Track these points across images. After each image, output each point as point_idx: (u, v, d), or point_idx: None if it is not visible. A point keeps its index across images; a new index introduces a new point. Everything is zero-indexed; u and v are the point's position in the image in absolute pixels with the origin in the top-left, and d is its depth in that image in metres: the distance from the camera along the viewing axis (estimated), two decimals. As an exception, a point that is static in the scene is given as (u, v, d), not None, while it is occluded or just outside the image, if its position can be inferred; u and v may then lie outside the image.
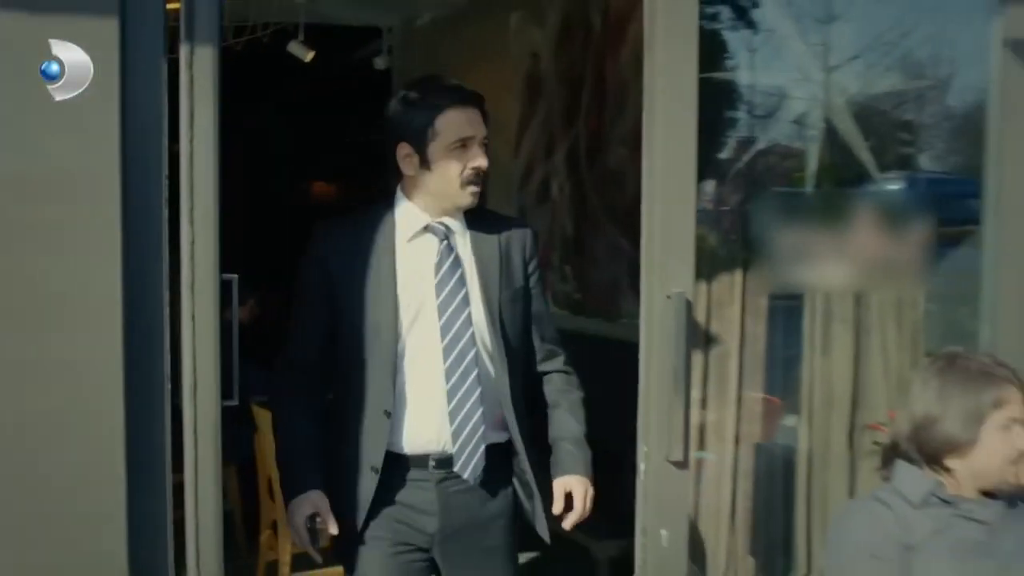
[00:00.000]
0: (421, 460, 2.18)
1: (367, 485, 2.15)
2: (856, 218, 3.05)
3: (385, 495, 2.18)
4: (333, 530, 2.13)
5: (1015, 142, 2.59)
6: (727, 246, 3.14)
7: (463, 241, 2.24)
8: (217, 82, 2.11)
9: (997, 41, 2.61)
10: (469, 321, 2.16)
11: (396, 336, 2.16)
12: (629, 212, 2.40)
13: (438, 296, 2.16)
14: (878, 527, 1.94)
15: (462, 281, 2.18)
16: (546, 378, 2.34)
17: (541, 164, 4.43)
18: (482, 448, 2.17)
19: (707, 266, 2.93)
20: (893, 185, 3.12)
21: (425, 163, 2.15)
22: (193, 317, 2.09)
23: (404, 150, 2.16)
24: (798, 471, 3.00)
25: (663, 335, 2.25)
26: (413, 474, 2.19)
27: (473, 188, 2.17)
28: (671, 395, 2.25)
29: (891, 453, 2.03)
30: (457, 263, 2.20)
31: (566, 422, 2.30)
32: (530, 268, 2.32)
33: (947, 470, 1.95)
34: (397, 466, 2.18)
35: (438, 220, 2.22)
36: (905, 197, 3.11)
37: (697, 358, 2.74)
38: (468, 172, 2.15)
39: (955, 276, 2.93)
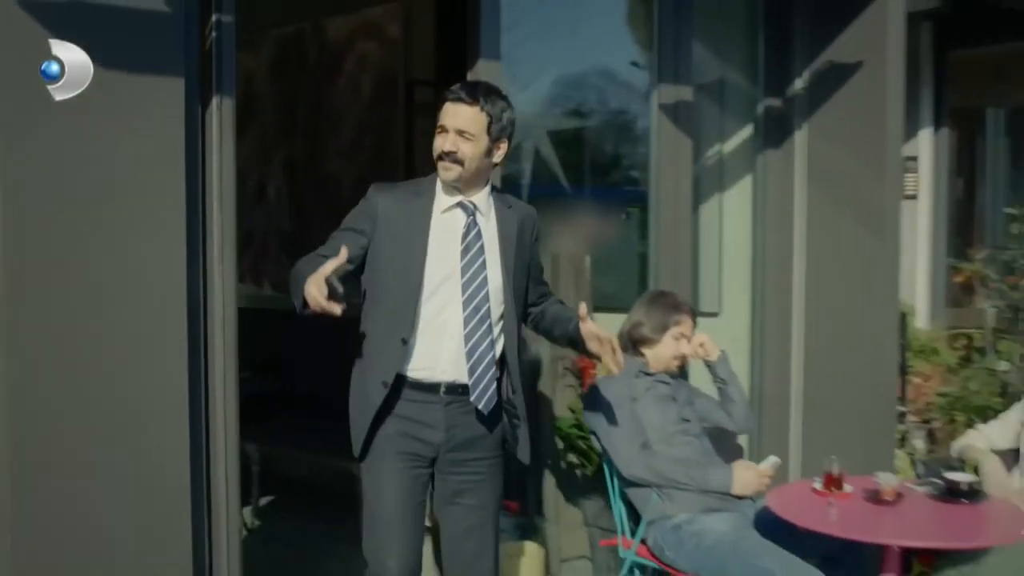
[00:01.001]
0: (433, 386, 2.69)
1: (377, 395, 2.65)
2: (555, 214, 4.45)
3: (397, 412, 2.67)
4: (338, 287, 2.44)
5: (666, 167, 4.17)
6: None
7: (487, 217, 2.79)
8: (233, 123, 2.86)
9: (655, 102, 4.16)
10: (485, 281, 2.71)
11: (420, 282, 2.66)
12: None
13: (462, 259, 2.70)
14: (615, 388, 3.41)
15: (482, 249, 2.73)
16: (545, 303, 3.00)
17: (257, 169, 5.22)
18: (495, 383, 2.70)
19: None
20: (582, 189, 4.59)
21: None
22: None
23: None
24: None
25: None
26: (423, 396, 2.68)
27: (443, 165, 2.68)
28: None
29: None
30: (479, 235, 2.74)
31: (562, 307, 3.02)
32: (534, 239, 2.92)
33: (643, 355, 3.44)
34: (409, 387, 2.68)
35: (469, 199, 2.76)
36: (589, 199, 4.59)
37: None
38: (437, 152, 2.69)
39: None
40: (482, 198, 2.80)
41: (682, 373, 3.74)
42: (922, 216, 6.01)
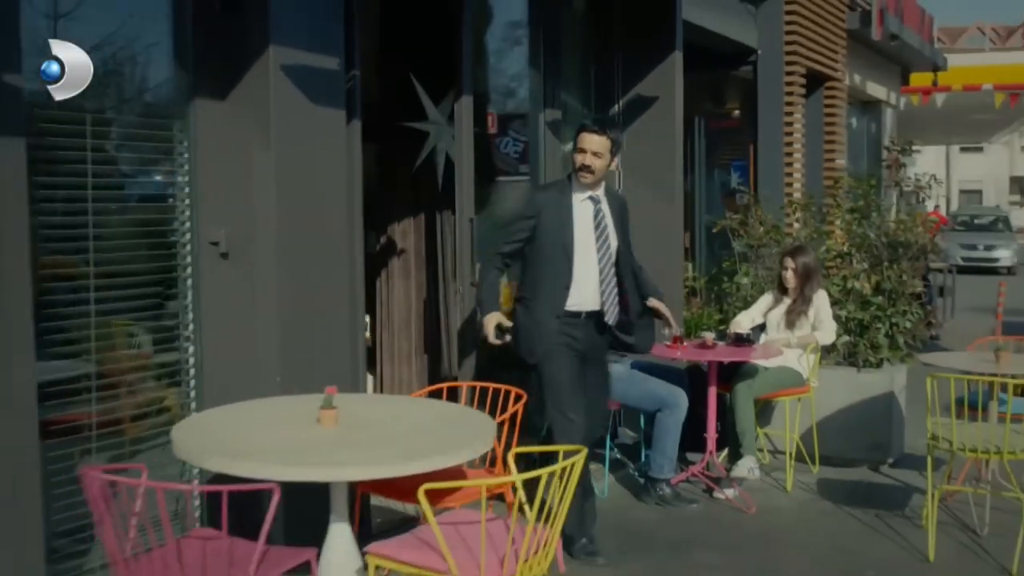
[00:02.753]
0: (579, 314, 4.42)
1: (553, 324, 4.37)
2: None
3: (560, 330, 4.37)
4: (506, 323, 4.47)
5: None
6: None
7: (604, 205, 4.46)
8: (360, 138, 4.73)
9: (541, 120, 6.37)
10: (609, 247, 4.44)
11: (571, 250, 4.34)
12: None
13: (594, 232, 4.41)
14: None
15: (606, 226, 4.44)
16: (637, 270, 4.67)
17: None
18: (617, 308, 4.48)
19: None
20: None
21: None
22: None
23: None
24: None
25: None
26: (575, 320, 4.41)
27: (581, 174, 4.38)
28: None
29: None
30: (603, 217, 4.44)
31: (643, 274, 4.68)
32: (627, 222, 4.59)
33: None
34: (567, 315, 4.39)
35: (594, 194, 4.45)
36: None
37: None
38: (578, 165, 4.37)
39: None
40: (601, 191, 4.49)
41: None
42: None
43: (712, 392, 5.61)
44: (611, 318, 4.47)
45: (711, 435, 5.61)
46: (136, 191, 4.35)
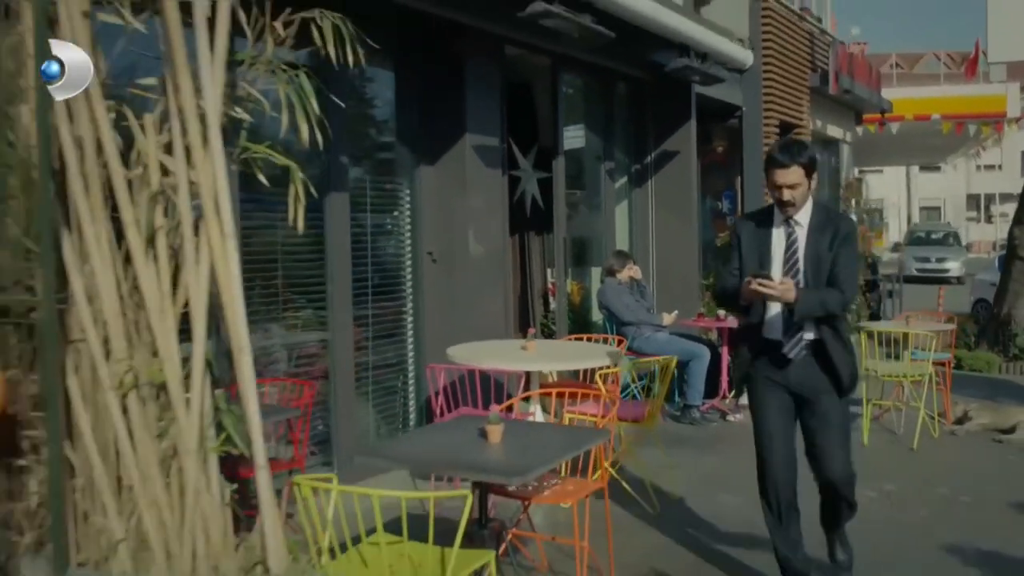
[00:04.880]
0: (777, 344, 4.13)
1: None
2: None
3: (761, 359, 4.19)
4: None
5: (608, 199, 9.28)
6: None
7: (803, 226, 4.08)
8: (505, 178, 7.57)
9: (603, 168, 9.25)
10: (798, 271, 4.03)
11: (769, 272, 4.02)
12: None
13: (785, 256, 4.09)
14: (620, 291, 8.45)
15: (796, 250, 4.07)
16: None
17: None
18: (801, 340, 4.10)
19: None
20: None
21: None
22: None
23: None
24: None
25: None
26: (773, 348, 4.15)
27: (783, 209, 4.06)
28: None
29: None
30: (795, 240, 4.08)
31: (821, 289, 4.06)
32: (833, 246, 4.02)
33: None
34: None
35: (795, 218, 4.08)
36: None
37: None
38: (778, 200, 4.06)
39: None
40: (803, 213, 4.11)
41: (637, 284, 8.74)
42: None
43: (724, 351, 8.45)
44: (793, 351, 4.20)
45: (724, 380, 8.44)
46: (386, 221, 7.11)
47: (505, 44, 7.29)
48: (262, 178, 3.39)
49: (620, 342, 7.57)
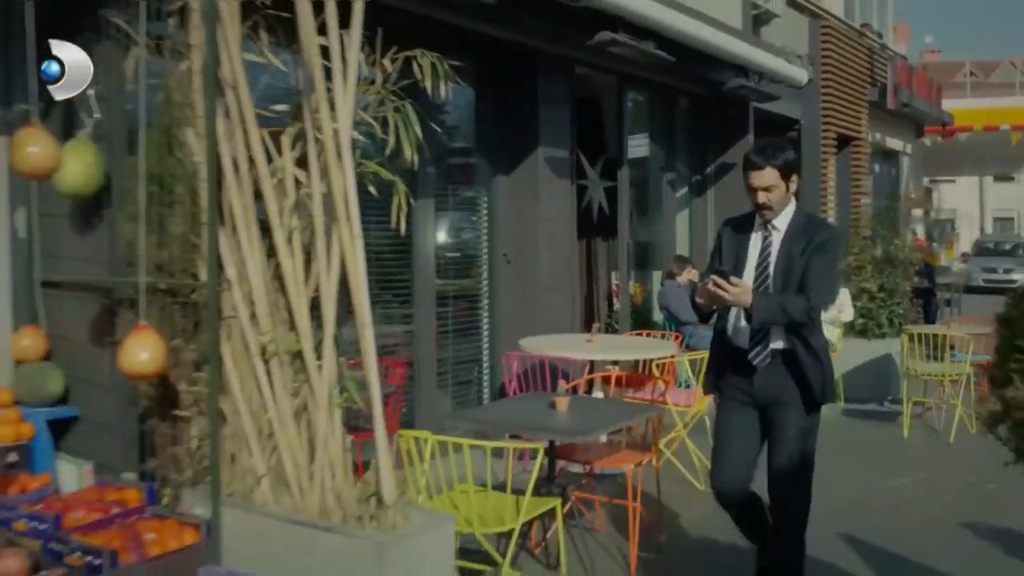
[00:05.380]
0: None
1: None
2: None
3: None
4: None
5: (668, 207, 9.96)
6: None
7: (780, 231, 3.96)
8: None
9: (665, 177, 9.95)
10: (768, 275, 3.91)
11: (740, 276, 3.91)
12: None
13: (758, 260, 3.98)
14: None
15: (769, 255, 3.95)
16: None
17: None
18: (767, 348, 3.94)
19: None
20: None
21: None
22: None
23: None
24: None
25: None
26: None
27: (760, 212, 3.97)
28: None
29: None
30: (769, 244, 3.97)
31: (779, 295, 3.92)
32: (806, 253, 3.88)
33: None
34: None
35: (772, 223, 3.96)
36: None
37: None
38: (754, 204, 3.97)
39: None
40: (783, 218, 4.00)
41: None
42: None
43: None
44: (756, 359, 4.05)
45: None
46: (465, 225, 7.85)
47: (575, 65, 8.01)
48: (372, 190, 4.14)
49: (678, 339, 8.22)
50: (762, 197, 3.96)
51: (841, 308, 9.45)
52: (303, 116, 3.97)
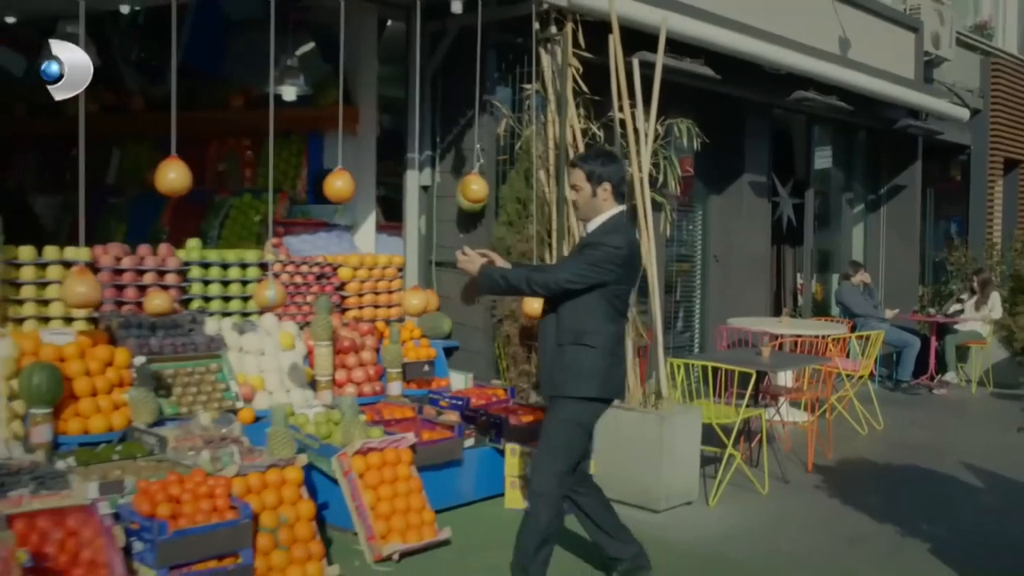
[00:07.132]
0: None
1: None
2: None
3: None
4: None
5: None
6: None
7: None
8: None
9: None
10: None
11: None
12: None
13: None
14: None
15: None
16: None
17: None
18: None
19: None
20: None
21: None
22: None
23: None
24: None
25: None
26: None
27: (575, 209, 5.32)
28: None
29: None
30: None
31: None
32: (581, 248, 4.26)
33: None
34: None
35: (586, 226, 4.33)
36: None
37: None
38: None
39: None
40: (593, 224, 4.24)
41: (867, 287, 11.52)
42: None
43: (932, 340, 11.07)
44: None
45: (932, 363, 11.07)
46: (684, 233, 10.23)
47: (772, 108, 10.30)
48: (648, 209, 6.64)
49: (852, 327, 10.37)
50: (572, 194, 4.36)
51: (992, 308, 11.36)
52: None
